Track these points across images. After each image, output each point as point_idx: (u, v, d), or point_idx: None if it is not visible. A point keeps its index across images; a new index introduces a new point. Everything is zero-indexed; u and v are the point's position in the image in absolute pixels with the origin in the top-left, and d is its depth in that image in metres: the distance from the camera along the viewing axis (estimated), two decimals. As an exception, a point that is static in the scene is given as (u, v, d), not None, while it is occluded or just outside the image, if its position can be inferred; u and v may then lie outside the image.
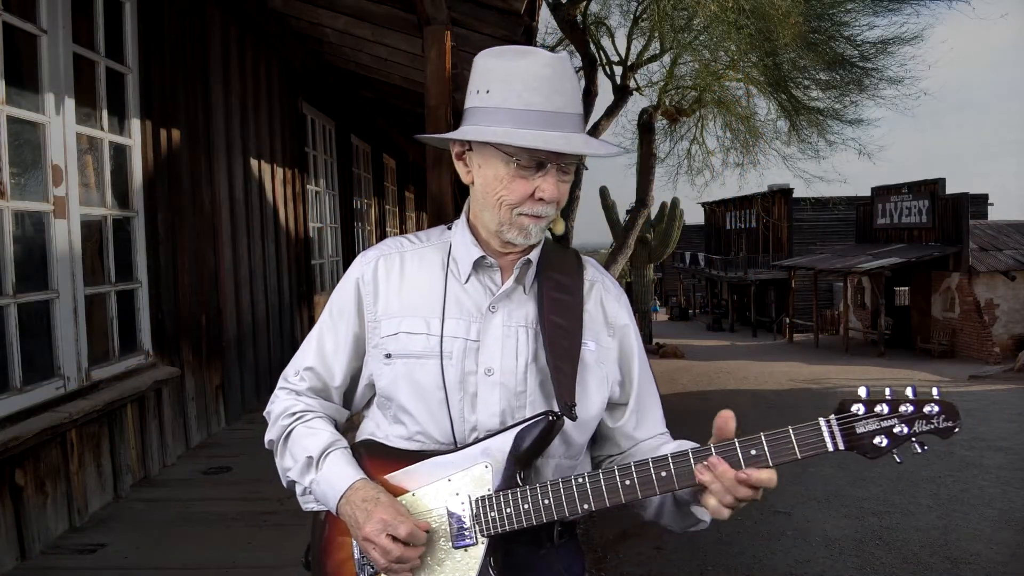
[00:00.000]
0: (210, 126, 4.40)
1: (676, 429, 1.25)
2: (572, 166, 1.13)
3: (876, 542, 5.58)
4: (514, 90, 1.08)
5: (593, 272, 1.26)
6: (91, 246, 3.37)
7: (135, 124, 3.62)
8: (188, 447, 3.96)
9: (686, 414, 11.22)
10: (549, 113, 1.07)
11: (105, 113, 3.39)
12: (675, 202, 22.42)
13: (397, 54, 5.48)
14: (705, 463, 1.00)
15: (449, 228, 1.25)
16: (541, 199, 1.10)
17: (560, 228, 1.15)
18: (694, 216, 41.40)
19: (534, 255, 1.18)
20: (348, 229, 7.88)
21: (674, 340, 24.21)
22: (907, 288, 22.39)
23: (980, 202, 24.90)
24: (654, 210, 21.03)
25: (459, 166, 1.19)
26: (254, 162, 5.12)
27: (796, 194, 28.82)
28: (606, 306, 1.23)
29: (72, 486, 2.91)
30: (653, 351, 20.69)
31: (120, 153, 3.58)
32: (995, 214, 27.06)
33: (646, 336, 22.08)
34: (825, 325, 26.36)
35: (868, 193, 24.01)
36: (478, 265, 1.17)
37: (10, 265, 2.72)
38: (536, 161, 1.09)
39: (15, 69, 2.89)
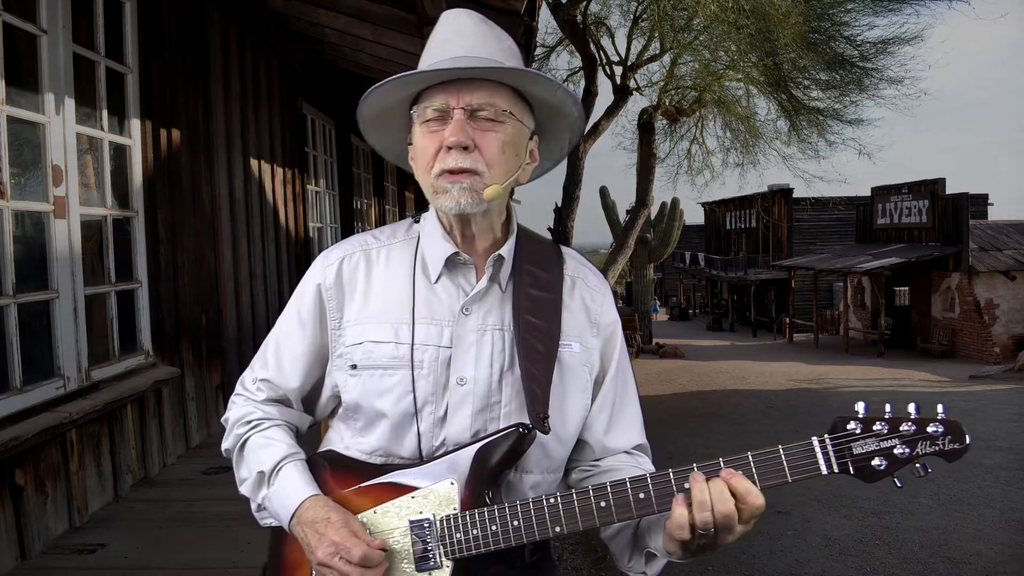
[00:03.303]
0: (210, 126, 4.40)
1: (676, 429, 1.23)
2: (493, 115, 1.02)
3: (876, 542, 5.59)
4: (425, 59, 1.07)
5: (574, 266, 1.17)
6: (91, 246, 3.37)
7: (135, 124, 3.62)
8: (188, 447, 3.96)
9: (686, 414, 11.21)
10: (450, 59, 1.03)
11: (105, 113, 3.39)
12: (675, 202, 22.45)
13: (397, 54, 5.48)
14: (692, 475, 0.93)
15: (416, 221, 1.15)
16: (448, 148, 1.01)
17: (490, 194, 1.02)
18: (694, 216, 41.49)
19: (506, 250, 1.09)
20: (348, 229, 7.88)
21: (674, 340, 24.22)
22: (907, 288, 22.40)
23: (980, 202, 24.91)
24: (654, 210, 21.06)
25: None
26: (254, 162, 5.12)
27: (796, 194, 28.87)
28: (590, 304, 1.14)
29: (72, 486, 2.91)
30: (653, 351, 20.70)
31: (120, 153, 3.58)
32: (995, 214, 27.10)
33: (646, 336, 22.09)
34: (825, 325, 26.37)
35: (868, 193, 24.03)
36: (451, 263, 1.08)
37: (10, 265, 2.72)
38: (440, 112, 1.03)
39: (15, 69, 2.88)
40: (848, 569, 5.12)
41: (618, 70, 14.36)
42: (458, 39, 1.06)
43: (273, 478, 1.08)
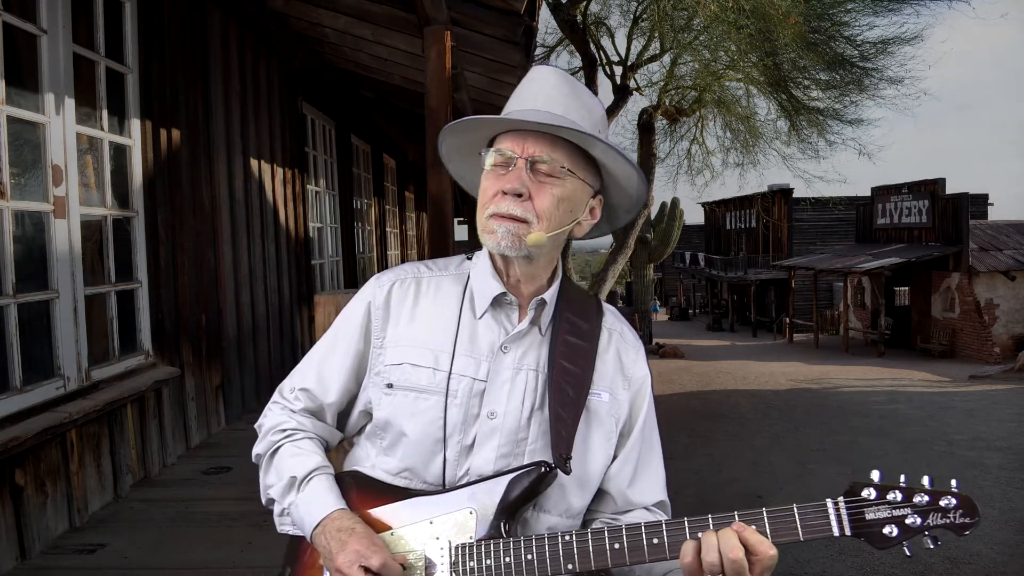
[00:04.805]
0: (210, 126, 4.40)
1: (676, 429, 1.24)
2: (551, 170, 1.07)
3: (876, 542, 5.58)
4: (507, 108, 1.13)
5: (612, 320, 1.21)
6: (91, 246, 3.37)
7: (135, 124, 3.62)
8: (188, 447, 3.96)
9: (686, 414, 11.22)
10: (524, 110, 1.09)
11: (105, 113, 3.39)
12: (675, 202, 22.44)
13: (397, 54, 5.48)
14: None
15: (469, 258, 1.21)
16: (504, 192, 1.07)
17: (531, 240, 1.06)
18: (694, 216, 41.48)
19: (549, 295, 1.14)
20: (348, 229, 7.88)
21: (674, 340, 24.22)
22: (907, 288, 22.40)
23: (980, 202, 24.91)
24: (654, 210, 21.07)
25: None
26: (254, 162, 5.11)
27: (796, 194, 28.87)
28: (624, 357, 1.18)
29: (72, 486, 2.91)
30: (653, 351, 20.69)
31: (120, 153, 3.58)
32: (995, 214, 27.09)
33: (646, 336, 22.09)
34: (825, 325, 26.36)
35: (868, 193, 24.02)
36: (497, 302, 1.13)
37: (10, 265, 2.72)
38: (506, 159, 1.08)
39: (15, 69, 2.89)
40: (848, 569, 5.12)
41: (618, 70, 14.38)
42: (538, 94, 1.11)
43: (304, 485, 1.10)
